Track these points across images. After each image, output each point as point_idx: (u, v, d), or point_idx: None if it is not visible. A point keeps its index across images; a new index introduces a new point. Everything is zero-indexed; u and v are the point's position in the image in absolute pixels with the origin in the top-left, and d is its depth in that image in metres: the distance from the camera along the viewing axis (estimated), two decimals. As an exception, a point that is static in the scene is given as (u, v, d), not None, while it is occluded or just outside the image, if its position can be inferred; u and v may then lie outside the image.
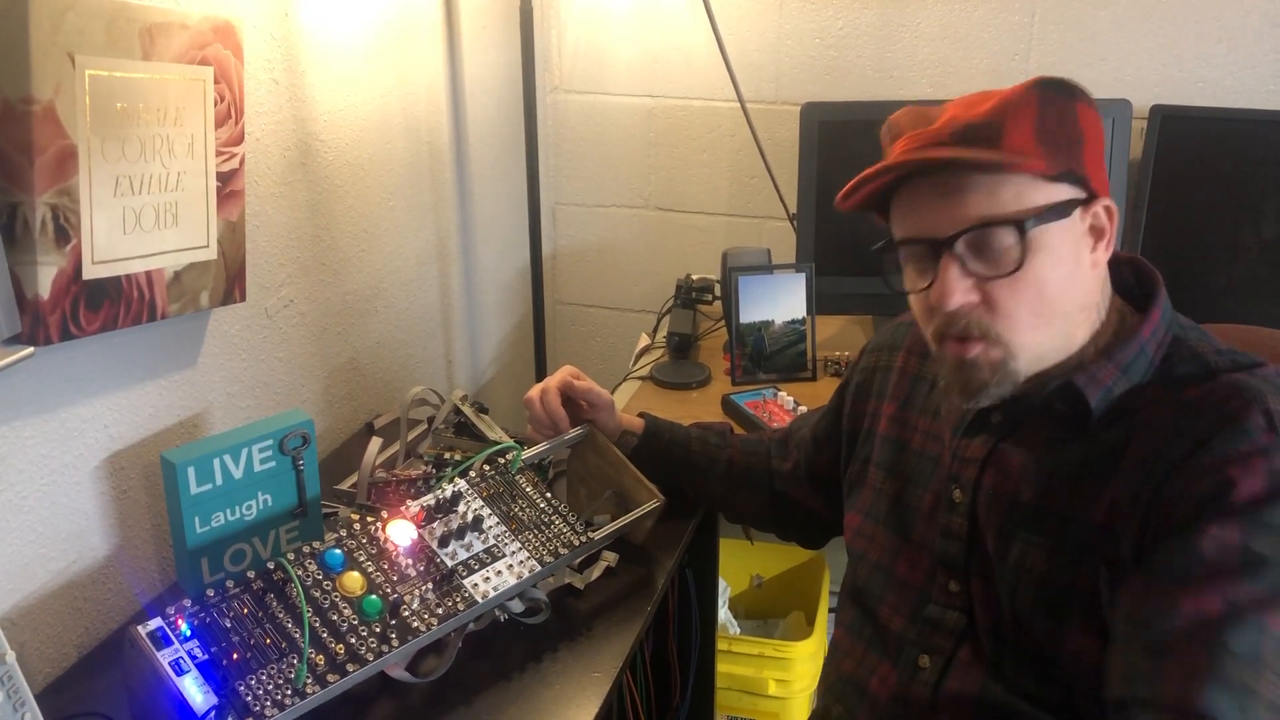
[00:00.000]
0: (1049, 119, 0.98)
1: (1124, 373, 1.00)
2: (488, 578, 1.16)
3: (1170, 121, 1.87)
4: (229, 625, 1.02)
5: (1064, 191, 0.99)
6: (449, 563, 1.16)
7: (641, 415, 1.46)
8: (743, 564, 2.20)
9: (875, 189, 1.02)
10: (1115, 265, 1.07)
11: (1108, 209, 1.02)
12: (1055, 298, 1.00)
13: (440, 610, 1.11)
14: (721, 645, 1.83)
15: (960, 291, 0.98)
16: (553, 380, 1.39)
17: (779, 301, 1.89)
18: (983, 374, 1.00)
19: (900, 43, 2.08)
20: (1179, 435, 0.94)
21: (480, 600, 1.14)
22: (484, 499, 1.24)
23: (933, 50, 2.07)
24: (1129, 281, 1.08)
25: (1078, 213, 1.00)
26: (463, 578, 1.15)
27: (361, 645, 1.05)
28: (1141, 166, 1.90)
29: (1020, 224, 0.97)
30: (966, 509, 1.07)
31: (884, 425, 1.22)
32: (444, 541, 1.17)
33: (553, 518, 1.26)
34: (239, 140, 1.29)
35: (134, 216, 1.15)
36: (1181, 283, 1.90)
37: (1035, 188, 0.98)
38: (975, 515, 1.07)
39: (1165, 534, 0.92)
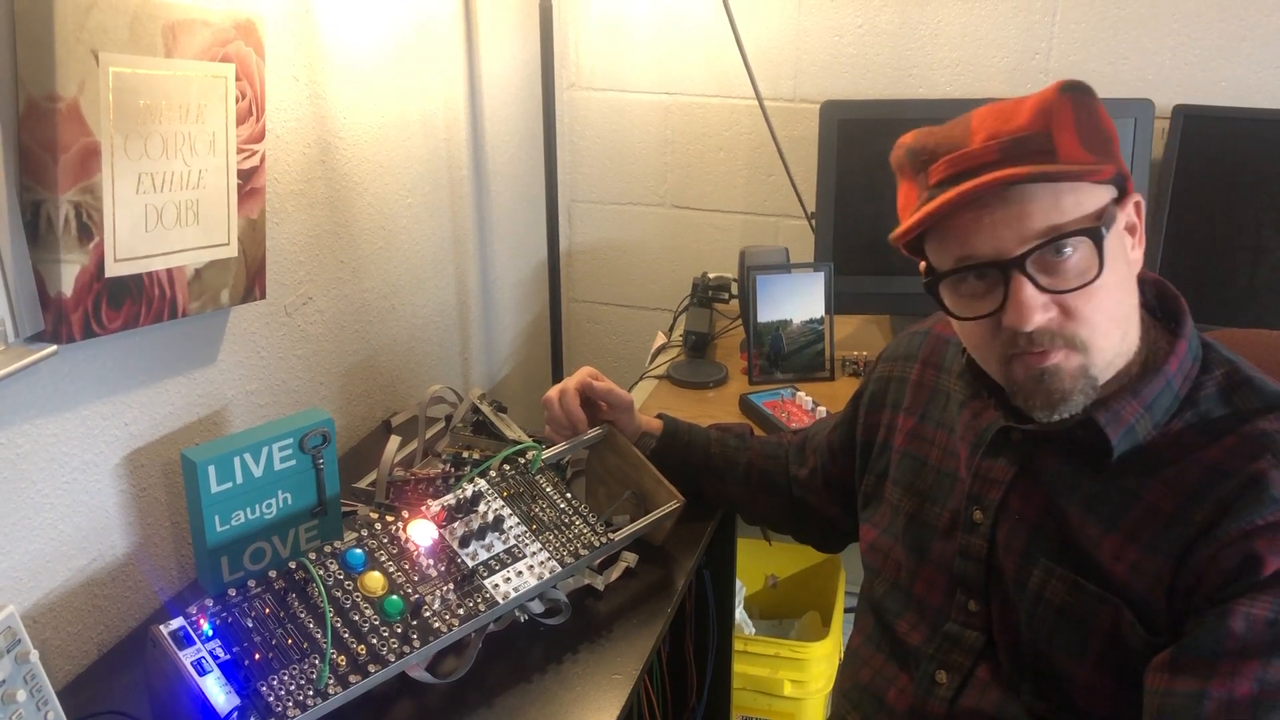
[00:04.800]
0: (1085, 122, 0.96)
1: (1148, 409, 0.98)
2: (508, 578, 1.16)
3: (1193, 121, 1.86)
4: (251, 625, 1.02)
5: (1109, 192, 0.98)
6: (470, 563, 1.15)
7: (660, 416, 1.45)
8: (758, 564, 2.19)
9: (930, 219, 0.97)
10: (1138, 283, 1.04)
11: (1137, 204, 1.01)
12: (1121, 300, 0.98)
13: (461, 611, 1.11)
14: (737, 645, 1.82)
15: (1039, 309, 0.94)
16: (571, 381, 1.39)
17: (797, 301, 1.88)
18: (1065, 382, 0.96)
19: (920, 41, 2.07)
20: (1202, 500, 0.93)
21: (501, 601, 1.13)
22: (504, 499, 1.23)
23: (953, 49, 2.06)
24: (1150, 303, 1.06)
25: (1119, 211, 0.99)
26: (483, 578, 1.15)
27: (383, 646, 1.05)
28: (1163, 167, 1.88)
29: (1096, 232, 0.94)
30: (987, 531, 1.06)
31: (900, 439, 1.20)
32: (465, 541, 1.17)
33: (573, 518, 1.25)
34: (260, 138, 1.29)
35: (156, 214, 1.15)
36: (1204, 285, 1.91)
37: (1090, 193, 0.96)
38: (995, 538, 1.05)
39: (1194, 608, 0.91)
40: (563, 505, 1.26)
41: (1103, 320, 0.96)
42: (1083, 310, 0.95)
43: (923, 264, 1.05)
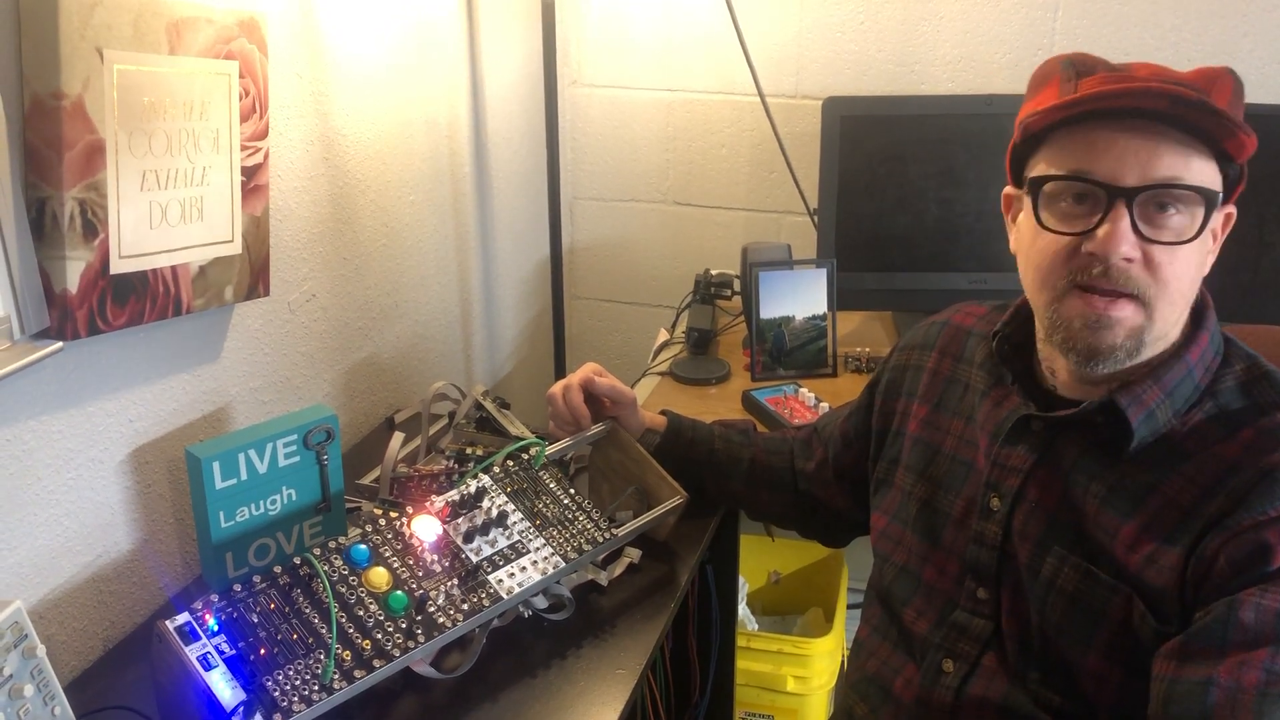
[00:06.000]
0: (1236, 102, 0.98)
1: (1169, 396, 0.99)
2: (512, 574, 1.16)
3: (1195, 117, 1.85)
4: (256, 620, 1.02)
5: (1219, 183, 0.98)
6: (474, 559, 1.15)
7: (663, 413, 1.46)
8: (760, 560, 2.19)
9: (1088, 102, 0.96)
10: None
11: (1229, 215, 1.02)
12: (1193, 281, 0.99)
13: (466, 606, 1.11)
14: (740, 642, 1.82)
15: (1129, 244, 0.95)
16: (575, 377, 1.39)
17: (800, 297, 1.89)
18: (1117, 336, 0.97)
19: (922, 37, 2.07)
20: (1216, 492, 0.94)
21: (505, 596, 1.14)
22: (508, 495, 1.23)
23: (954, 45, 2.06)
24: None
25: (1217, 210, 0.99)
26: (487, 574, 1.15)
27: (388, 641, 1.05)
28: (1166, 162, 1.88)
29: (1212, 196, 0.96)
30: (1003, 518, 1.06)
31: (914, 427, 1.20)
32: (469, 537, 1.17)
33: (576, 514, 1.25)
34: (263, 135, 1.29)
35: (160, 211, 1.15)
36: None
37: (1212, 174, 0.97)
38: (1010, 525, 1.06)
39: (1205, 596, 0.92)
40: (566, 501, 1.26)
41: (1175, 288, 0.97)
42: (1165, 269, 0.96)
43: (1008, 187, 1.06)
